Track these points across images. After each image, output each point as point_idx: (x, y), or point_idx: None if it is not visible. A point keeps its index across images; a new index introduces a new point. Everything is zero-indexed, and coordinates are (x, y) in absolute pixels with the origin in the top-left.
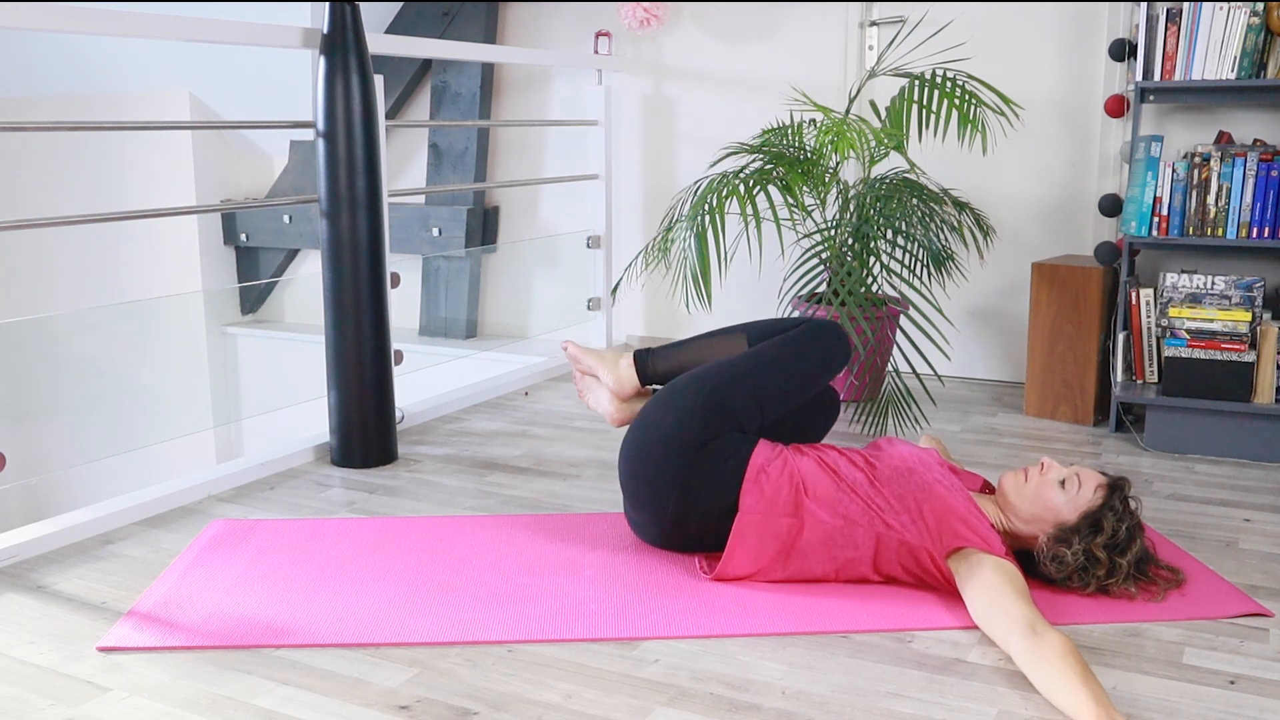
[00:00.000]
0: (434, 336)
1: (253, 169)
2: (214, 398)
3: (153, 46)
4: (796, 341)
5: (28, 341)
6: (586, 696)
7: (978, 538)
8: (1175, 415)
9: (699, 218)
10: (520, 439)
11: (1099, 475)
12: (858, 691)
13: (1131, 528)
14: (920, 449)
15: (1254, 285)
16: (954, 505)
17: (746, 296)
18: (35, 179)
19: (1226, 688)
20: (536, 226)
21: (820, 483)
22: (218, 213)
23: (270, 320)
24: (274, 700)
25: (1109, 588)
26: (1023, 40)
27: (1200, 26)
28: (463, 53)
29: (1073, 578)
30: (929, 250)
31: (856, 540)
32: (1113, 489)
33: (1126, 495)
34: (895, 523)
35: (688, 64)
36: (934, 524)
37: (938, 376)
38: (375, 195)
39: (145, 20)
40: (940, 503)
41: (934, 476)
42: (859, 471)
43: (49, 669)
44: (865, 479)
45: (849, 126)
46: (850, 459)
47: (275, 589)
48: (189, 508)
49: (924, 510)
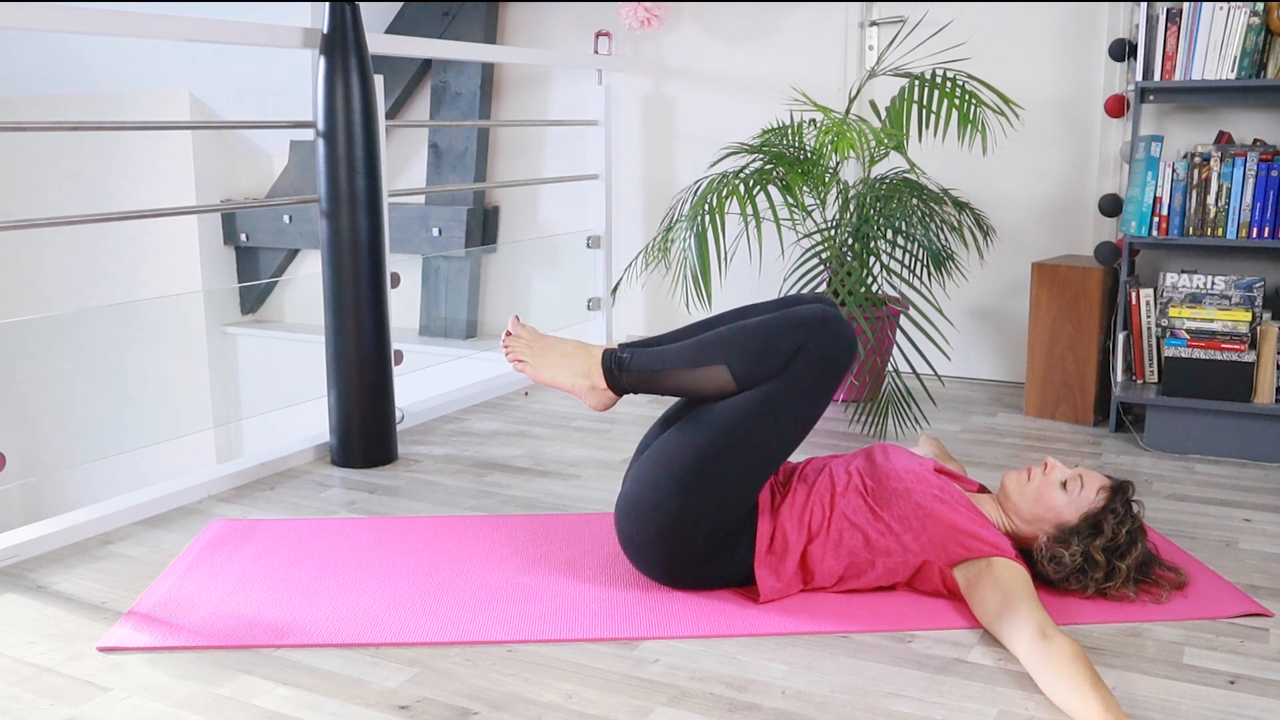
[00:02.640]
0: (434, 336)
1: (253, 169)
2: (214, 398)
3: (153, 46)
4: (792, 376)
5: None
6: (586, 696)
7: (986, 545)
8: (1175, 415)
9: (699, 218)
10: (520, 439)
11: (1102, 477)
12: (858, 691)
13: (1133, 531)
14: (917, 460)
15: (1254, 285)
16: (956, 520)
17: (746, 297)
18: (35, 179)
19: (1226, 688)
20: (536, 226)
21: (825, 528)
22: (218, 213)
23: (270, 320)
24: (274, 700)
25: (1107, 590)
26: (1023, 40)
27: (1200, 26)
28: (463, 53)
29: (1070, 579)
30: (929, 250)
31: (866, 573)
32: (1115, 491)
33: (1129, 498)
34: (897, 547)
35: (688, 64)
36: (940, 542)
37: (938, 376)
38: (375, 195)
39: (145, 20)
40: (943, 520)
41: (932, 493)
42: (859, 498)
43: (49, 669)
44: (866, 507)
45: (849, 126)
46: (851, 486)
47: (275, 589)
48: (189, 508)
49: (928, 529)
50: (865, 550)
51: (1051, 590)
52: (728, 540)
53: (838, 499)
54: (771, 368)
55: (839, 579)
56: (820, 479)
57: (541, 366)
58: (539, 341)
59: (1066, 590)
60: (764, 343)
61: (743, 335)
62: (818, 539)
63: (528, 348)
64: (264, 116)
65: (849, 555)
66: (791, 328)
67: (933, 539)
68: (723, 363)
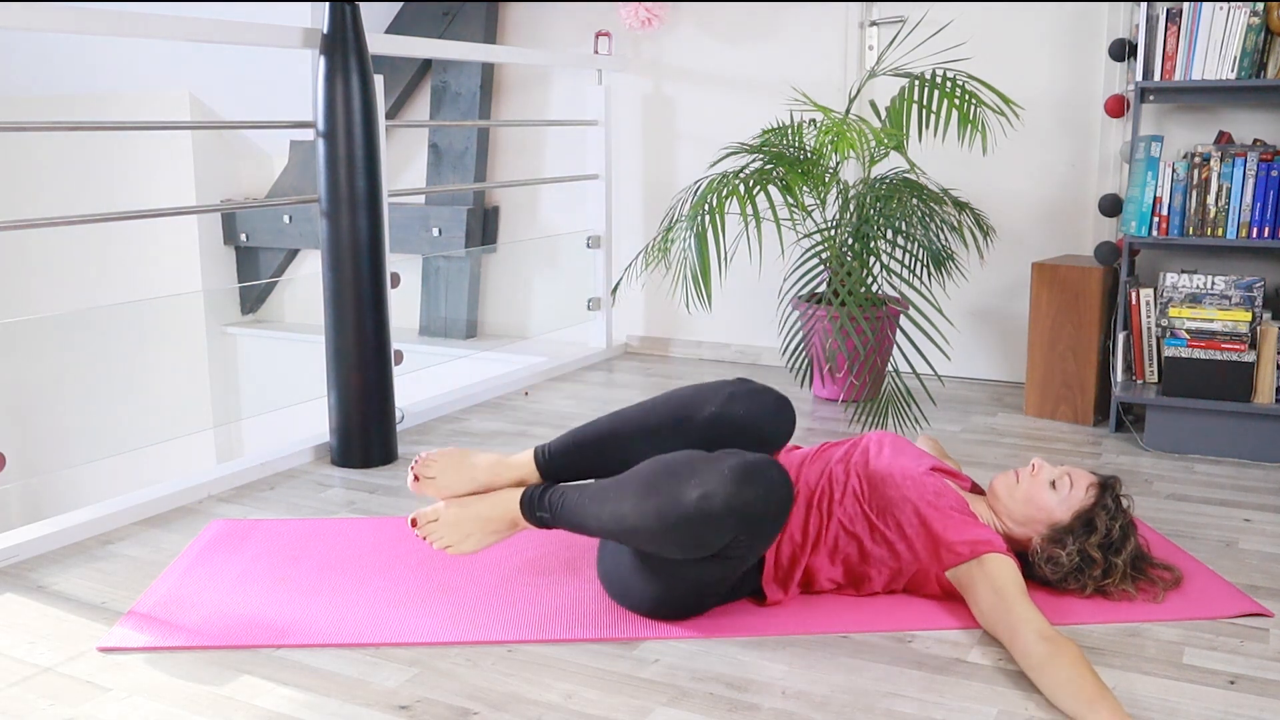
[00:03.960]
0: (434, 336)
1: (253, 169)
2: (214, 398)
3: (153, 46)
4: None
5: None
6: (586, 696)
7: (983, 545)
8: (1175, 415)
9: (699, 218)
10: (520, 439)
11: (1090, 475)
12: (858, 691)
13: (1125, 526)
14: (914, 458)
15: (1254, 285)
16: (947, 531)
17: (747, 296)
18: (35, 179)
19: (1226, 688)
20: (536, 226)
21: (822, 535)
22: (218, 213)
23: (270, 320)
24: (274, 700)
25: (1106, 588)
26: (1023, 40)
27: (1200, 26)
28: (463, 53)
29: (1069, 579)
30: (929, 250)
31: (863, 585)
32: (1104, 488)
33: (1118, 494)
34: (889, 555)
35: (688, 64)
36: (933, 550)
37: (938, 376)
38: (375, 195)
39: (145, 20)
40: (934, 530)
41: (927, 499)
42: (856, 504)
43: (49, 669)
44: (862, 514)
45: (849, 126)
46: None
47: (275, 589)
48: (189, 508)
49: (922, 538)
50: (860, 563)
51: (1050, 590)
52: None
53: (835, 507)
54: (706, 552)
55: (838, 587)
56: (820, 483)
57: (465, 543)
58: (453, 511)
59: (1065, 590)
60: (695, 538)
61: (673, 523)
62: (818, 548)
63: (447, 529)
64: (264, 116)
65: (844, 563)
66: (725, 514)
67: (926, 547)
68: (653, 550)
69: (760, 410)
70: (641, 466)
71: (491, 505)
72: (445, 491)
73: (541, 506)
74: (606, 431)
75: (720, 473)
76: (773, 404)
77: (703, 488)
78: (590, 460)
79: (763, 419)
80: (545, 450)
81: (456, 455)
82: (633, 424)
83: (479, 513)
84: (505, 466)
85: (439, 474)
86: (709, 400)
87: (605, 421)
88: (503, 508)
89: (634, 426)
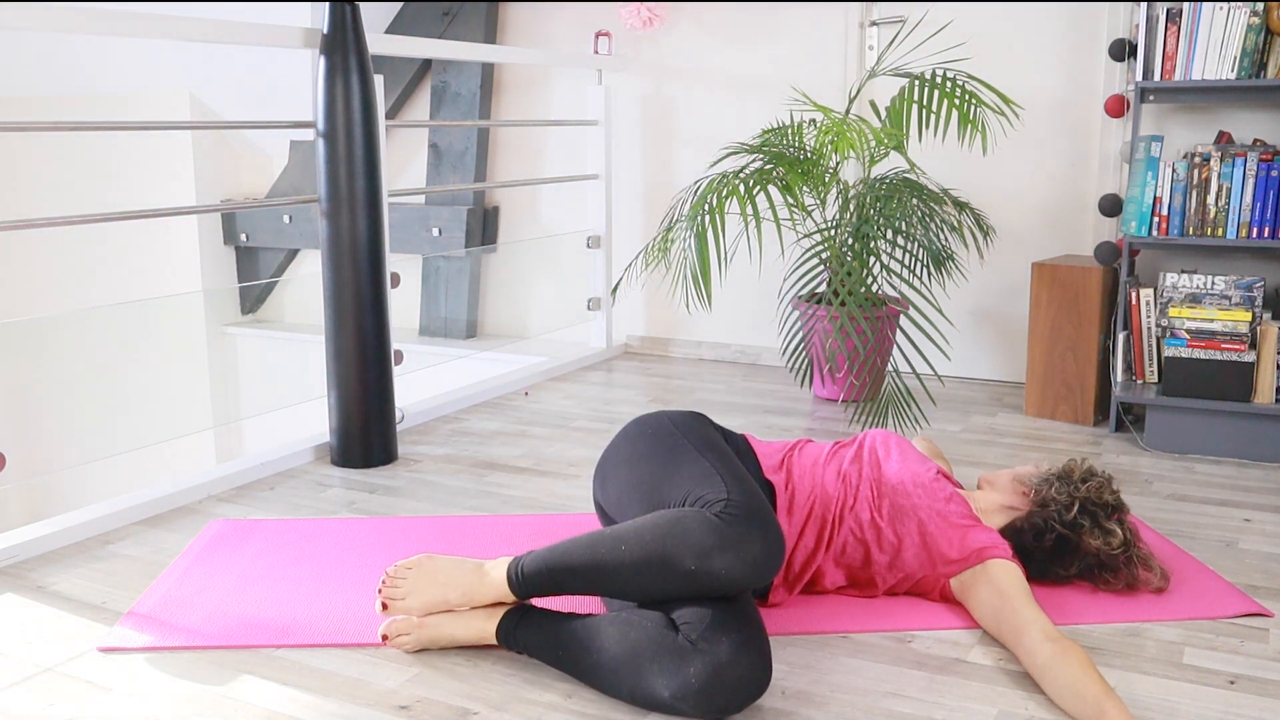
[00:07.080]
0: (434, 336)
1: (253, 169)
2: (214, 398)
3: (153, 46)
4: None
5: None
6: (586, 696)
7: (989, 550)
8: (1175, 415)
9: (699, 218)
10: (520, 439)
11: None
12: (858, 691)
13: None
14: (921, 464)
15: (1254, 285)
16: (956, 533)
17: (746, 296)
18: (35, 179)
19: (1226, 688)
20: (536, 226)
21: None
22: (218, 213)
23: (270, 320)
24: (274, 700)
25: (1099, 556)
26: (1022, 40)
27: (1200, 26)
28: (463, 53)
29: (1062, 546)
30: (929, 250)
31: (866, 589)
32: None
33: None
34: (896, 563)
35: (688, 64)
36: (940, 556)
37: (938, 376)
38: (375, 195)
39: (145, 20)
40: (944, 536)
41: (937, 509)
42: (869, 510)
43: (49, 669)
44: (873, 523)
45: (849, 126)
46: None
47: (275, 589)
48: (189, 508)
49: (929, 547)
50: (866, 568)
51: (1047, 584)
52: None
53: (847, 513)
54: None
55: (841, 589)
56: (837, 489)
57: (439, 635)
58: (426, 634)
59: (1060, 579)
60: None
61: (644, 705)
62: (828, 554)
63: (421, 646)
64: (264, 116)
65: (850, 567)
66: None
67: (932, 556)
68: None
69: (740, 572)
70: (613, 631)
71: (466, 632)
72: (416, 613)
73: (514, 644)
74: (583, 564)
75: (686, 679)
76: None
77: (670, 689)
78: (566, 587)
79: (743, 580)
80: (519, 570)
81: (427, 567)
82: (611, 563)
83: (453, 636)
84: (479, 587)
85: (409, 593)
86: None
87: (582, 550)
88: (477, 636)
89: (614, 564)
